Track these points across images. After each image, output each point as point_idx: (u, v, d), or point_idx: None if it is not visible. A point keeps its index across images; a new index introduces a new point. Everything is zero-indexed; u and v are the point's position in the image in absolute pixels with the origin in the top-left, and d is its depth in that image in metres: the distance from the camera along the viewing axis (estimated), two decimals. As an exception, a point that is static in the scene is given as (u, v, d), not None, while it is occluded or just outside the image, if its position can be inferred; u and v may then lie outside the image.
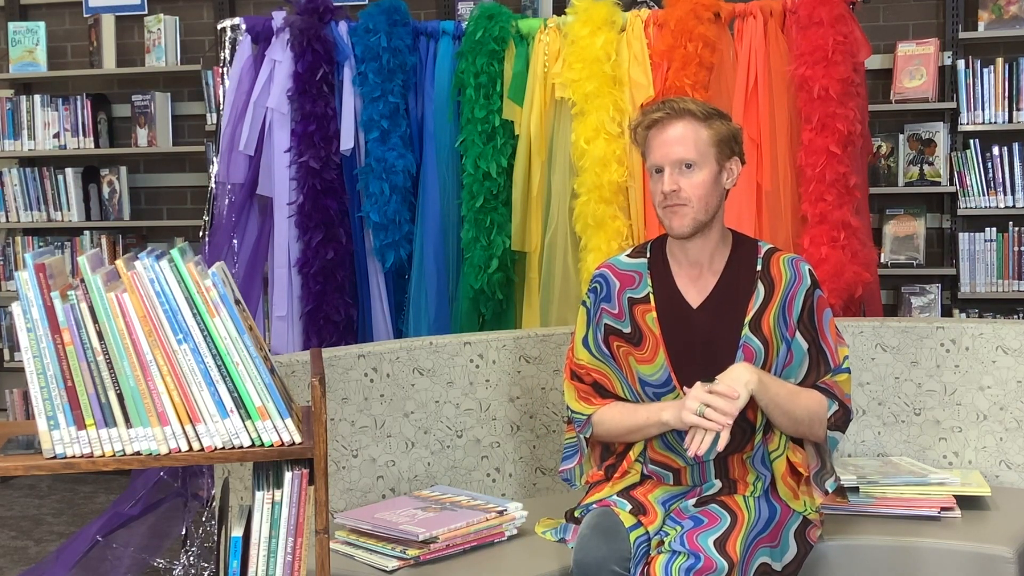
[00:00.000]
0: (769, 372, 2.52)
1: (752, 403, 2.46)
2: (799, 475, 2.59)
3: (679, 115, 2.51)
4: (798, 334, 2.54)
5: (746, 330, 2.52)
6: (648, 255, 2.64)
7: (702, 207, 2.49)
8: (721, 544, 2.35)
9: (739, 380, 2.39)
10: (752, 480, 2.56)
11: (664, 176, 2.50)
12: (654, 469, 2.60)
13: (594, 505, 2.58)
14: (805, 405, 2.50)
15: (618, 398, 2.63)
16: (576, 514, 2.65)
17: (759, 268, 2.57)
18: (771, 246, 2.64)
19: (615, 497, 2.57)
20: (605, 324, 2.61)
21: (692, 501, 2.53)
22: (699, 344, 2.53)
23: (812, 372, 2.56)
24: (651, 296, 2.58)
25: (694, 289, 2.57)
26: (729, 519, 2.42)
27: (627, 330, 2.59)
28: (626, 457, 2.63)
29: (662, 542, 2.43)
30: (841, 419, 2.55)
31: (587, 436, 2.63)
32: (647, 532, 2.48)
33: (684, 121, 2.50)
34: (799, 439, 2.61)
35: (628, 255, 2.67)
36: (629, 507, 2.52)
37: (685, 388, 2.49)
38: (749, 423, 2.53)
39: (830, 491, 2.58)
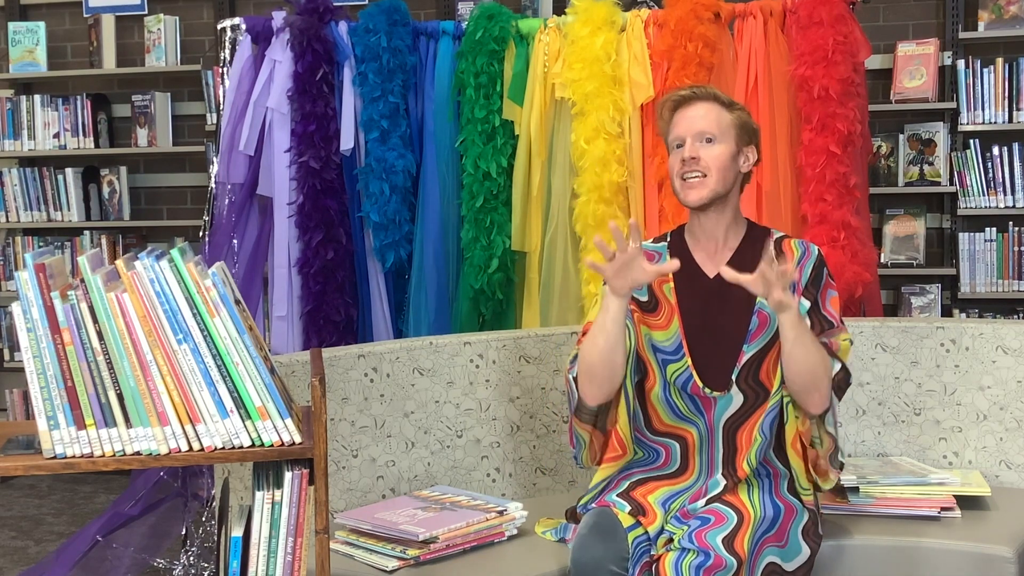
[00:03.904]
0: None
1: (768, 366, 2.53)
2: (805, 450, 2.60)
3: (705, 97, 2.64)
4: (803, 298, 2.60)
5: (760, 298, 2.54)
6: (668, 240, 2.73)
7: (719, 178, 2.57)
8: (729, 542, 2.36)
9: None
10: (754, 451, 2.55)
11: (685, 147, 2.59)
12: (661, 440, 2.62)
13: (593, 505, 2.59)
14: (821, 351, 2.51)
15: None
16: (577, 510, 2.65)
17: (772, 248, 2.60)
18: (782, 233, 2.72)
19: (614, 497, 2.57)
20: None
21: (701, 503, 2.53)
22: (713, 312, 2.60)
23: (815, 327, 2.58)
24: None
25: (711, 262, 2.64)
26: (736, 518, 2.43)
27: (644, 298, 2.65)
28: (618, 438, 2.63)
29: (671, 540, 2.44)
30: (843, 380, 2.57)
31: (574, 376, 2.59)
32: (646, 533, 2.48)
33: (709, 103, 2.63)
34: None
35: (651, 242, 2.75)
36: (628, 508, 2.53)
37: (692, 355, 2.57)
38: (763, 387, 2.57)
39: (843, 464, 2.62)
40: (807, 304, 2.60)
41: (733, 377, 2.57)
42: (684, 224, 2.74)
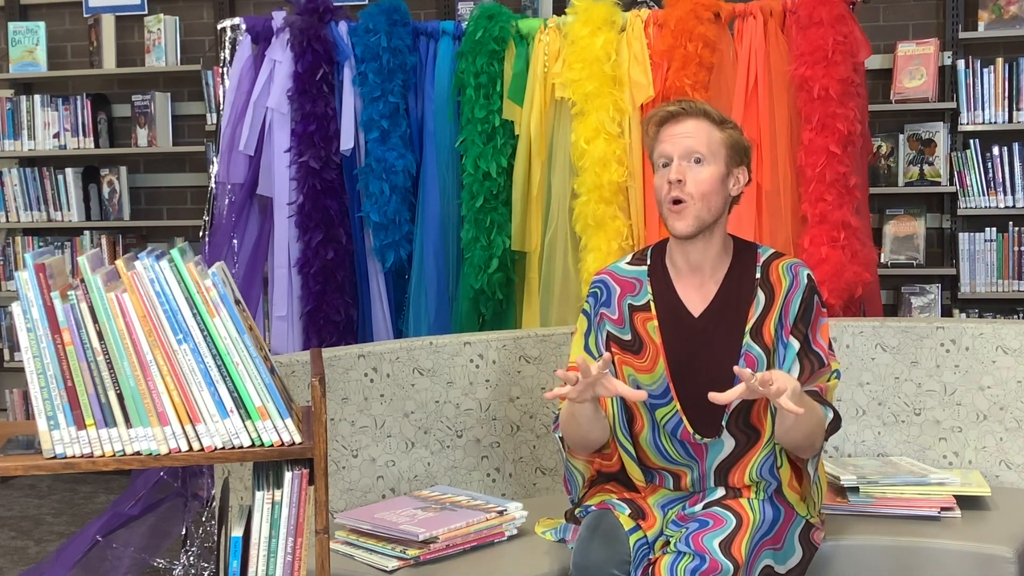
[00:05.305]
0: None
1: (759, 409, 2.48)
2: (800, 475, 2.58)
3: (695, 113, 2.51)
4: (792, 337, 2.51)
5: (747, 338, 2.50)
6: (648, 262, 2.62)
7: (705, 205, 2.47)
8: (726, 546, 2.34)
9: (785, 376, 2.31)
10: (755, 489, 2.54)
11: (672, 167, 2.48)
12: (655, 472, 2.61)
13: (593, 507, 2.58)
14: (817, 412, 2.42)
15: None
16: (576, 513, 2.65)
17: (759, 276, 2.55)
18: (771, 252, 2.61)
19: (614, 500, 2.56)
20: (607, 331, 2.58)
21: (698, 507, 2.51)
22: (700, 353, 2.50)
23: (805, 369, 2.51)
24: (652, 304, 2.56)
25: (695, 298, 2.54)
26: (734, 521, 2.40)
27: (627, 338, 2.56)
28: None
29: (667, 542, 2.43)
30: (833, 425, 2.51)
31: (561, 435, 2.59)
32: (646, 536, 2.47)
33: (698, 119, 2.51)
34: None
35: (628, 262, 2.65)
36: (628, 511, 2.51)
37: (681, 399, 2.49)
38: (755, 430, 2.52)
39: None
40: (796, 346, 2.50)
41: (723, 423, 2.50)
42: (666, 240, 2.62)
